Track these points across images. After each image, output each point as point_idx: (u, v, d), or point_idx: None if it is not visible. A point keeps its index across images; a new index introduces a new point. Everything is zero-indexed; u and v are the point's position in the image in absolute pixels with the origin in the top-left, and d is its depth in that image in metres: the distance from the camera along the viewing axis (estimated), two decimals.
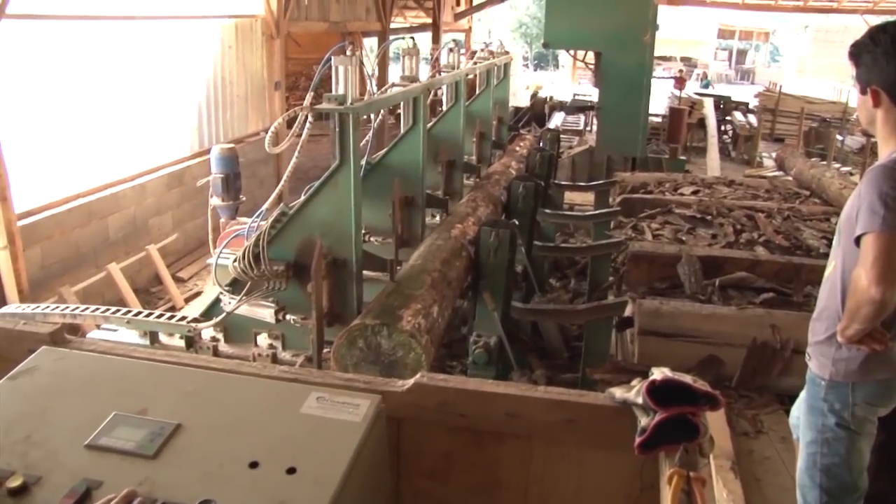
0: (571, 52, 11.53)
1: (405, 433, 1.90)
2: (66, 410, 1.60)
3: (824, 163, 11.19)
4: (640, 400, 1.66)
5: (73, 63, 7.16)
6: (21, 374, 1.73)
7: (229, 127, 9.77)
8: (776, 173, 10.73)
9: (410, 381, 1.87)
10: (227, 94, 9.70)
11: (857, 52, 2.29)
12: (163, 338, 3.74)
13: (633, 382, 1.74)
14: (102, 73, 7.53)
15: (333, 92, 3.25)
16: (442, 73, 5.18)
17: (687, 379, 1.63)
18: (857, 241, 2.09)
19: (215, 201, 5.95)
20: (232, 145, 6.72)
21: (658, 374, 1.65)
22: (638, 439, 1.64)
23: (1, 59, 6.18)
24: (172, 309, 6.70)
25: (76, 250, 6.85)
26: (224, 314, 3.45)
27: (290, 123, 3.32)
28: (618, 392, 1.76)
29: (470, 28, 22.40)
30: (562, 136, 9.69)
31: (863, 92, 2.29)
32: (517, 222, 4.81)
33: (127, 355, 1.94)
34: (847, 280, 2.21)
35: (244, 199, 6.25)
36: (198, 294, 7.33)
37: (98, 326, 3.91)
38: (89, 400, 1.64)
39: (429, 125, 4.94)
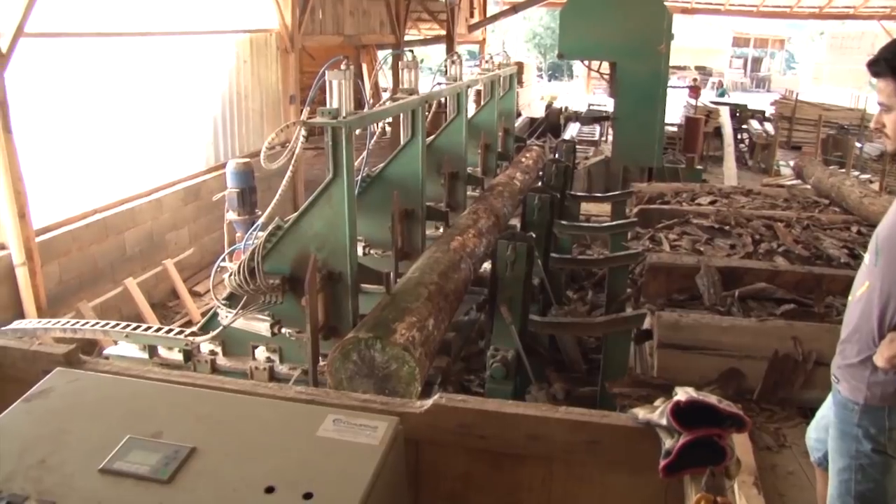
0: (586, 62, 11.50)
1: (423, 455, 1.87)
2: (80, 433, 1.59)
3: (843, 171, 11.06)
4: (664, 421, 1.62)
5: (89, 80, 7.23)
6: (35, 396, 1.72)
7: (245, 141, 9.82)
8: (794, 182, 10.61)
9: (429, 402, 1.84)
10: (242, 109, 9.75)
11: None
12: (162, 352, 3.75)
13: (657, 402, 1.69)
14: (118, 89, 7.60)
15: (328, 105, 3.26)
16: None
17: (712, 399, 1.58)
18: None
19: (231, 216, 5.98)
20: (247, 159, 6.75)
21: (682, 394, 1.60)
22: (662, 462, 1.60)
23: (19, 77, 6.23)
24: (189, 324, 6.71)
25: (93, 265, 6.89)
26: (220, 328, 3.45)
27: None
28: (641, 413, 1.72)
29: (484, 39, 22.45)
30: (577, 146, 9.65)
31: None
32: (534, 234, 4.78)
33: (141, 376, 1.93)
34: (886, 302, 2.14)
35: (260, 213, 6.26)
36: None
37: (115, 342, 3.93)
38: (103, 423, 1.62)
39: (431, 137, 4.93)
